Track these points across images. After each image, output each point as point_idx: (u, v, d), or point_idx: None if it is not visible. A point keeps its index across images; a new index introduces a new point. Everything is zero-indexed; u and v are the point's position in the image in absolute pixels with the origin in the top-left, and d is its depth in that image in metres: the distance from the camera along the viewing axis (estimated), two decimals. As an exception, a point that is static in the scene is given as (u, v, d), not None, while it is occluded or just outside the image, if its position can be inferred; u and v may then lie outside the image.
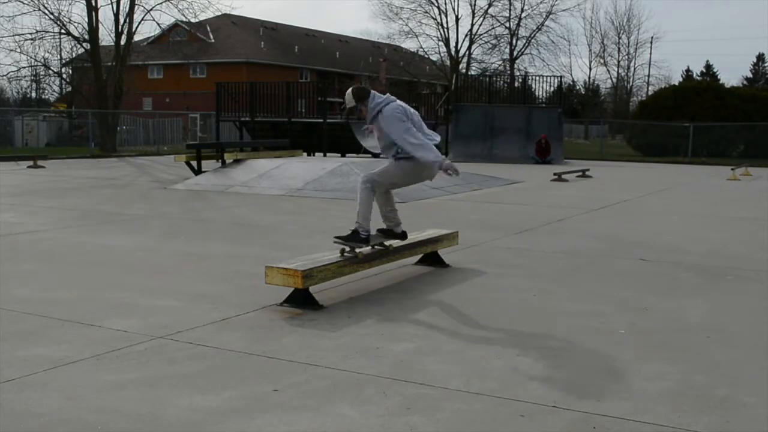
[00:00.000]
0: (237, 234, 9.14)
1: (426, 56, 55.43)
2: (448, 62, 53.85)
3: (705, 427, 3.46)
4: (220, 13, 42.68)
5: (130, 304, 5.50)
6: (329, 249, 6.23)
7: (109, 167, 22.17)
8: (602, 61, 66.14)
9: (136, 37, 33.74)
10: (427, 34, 69.68)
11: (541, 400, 3.74)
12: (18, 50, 32.31)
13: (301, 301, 5.45)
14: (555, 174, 19.09)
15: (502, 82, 42.59)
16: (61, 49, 40.16)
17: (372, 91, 6.14)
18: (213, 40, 54.30)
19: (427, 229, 7.83)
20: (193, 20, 34.02)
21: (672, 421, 3.51)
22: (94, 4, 29.94)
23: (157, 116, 37.72)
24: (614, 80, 67.03)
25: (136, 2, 30.77)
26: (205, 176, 15.95)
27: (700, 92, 34.96)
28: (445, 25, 53.54)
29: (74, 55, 38.31)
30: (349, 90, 6.16)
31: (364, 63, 61.50)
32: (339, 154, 24.89)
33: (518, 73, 51.31)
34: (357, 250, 6.05)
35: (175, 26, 46.30)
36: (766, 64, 71.41)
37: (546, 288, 6.35)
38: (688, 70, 68.14)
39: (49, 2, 34.90)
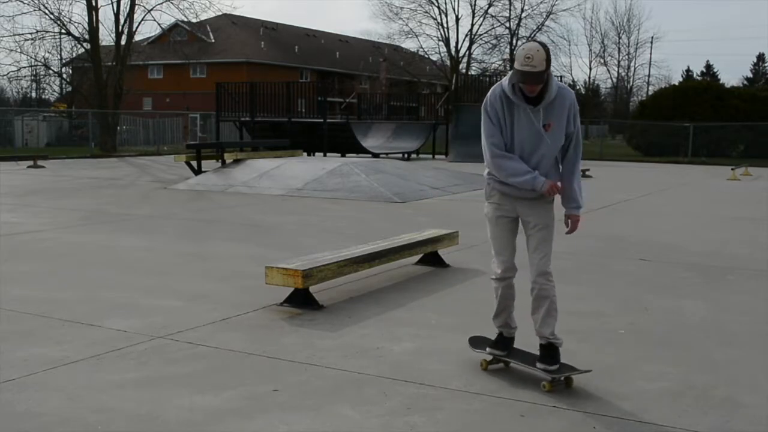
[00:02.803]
0: (237, 234, 9.14)
1: (426, 56, 55.39)
2: (448, 62, 53.81)
3: (705, 427, 3.46)
4: (220, 13, 42.74)
5: (130, 304, 5.50)
6: (329, 249, 6.23)
7: (110, 167, 22.17)
8: (602, 61, 66.22)
9: (137, 37, 33.76)
10: (427, 34, 69.61)
11: (541, 400, 3.74)
12: (18, 50, 32.39)
13: (301, 301, 5.45)
14: (555, 174, 19.06)
15: (502, 82, 42.46)
16: (61, 49, 40.26)
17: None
18: (213, 40, 54.31)
19: (427, 229, 7.84)
20: (193, 20, 34.05)
21: (672, 421, 3.51)
22: (94, 4, 29.95)
23: (157, 116, 37.72)
24: (614, 80, 67.06)
25: (136, 2, 30.79)
26: (205, 176, 15.95)
27: (700, 92, 34.94)
28: (445, 25, 53.52)
29: (74, 55, 38.38)
30: (538, 45, 3.80)
31: (364, 63, 61.54)
32: (339, 154, 24.90)
33: (518, 73, 51.17)
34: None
35: (176, 26, 46.34)
36: (766, 64, 71.41)
37: (546, 288, 6.34)
38: (688, 70, 68.18)
39: (49, 2, 35.04)
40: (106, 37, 34.73)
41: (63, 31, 31.71)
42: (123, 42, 31.07)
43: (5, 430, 3.30)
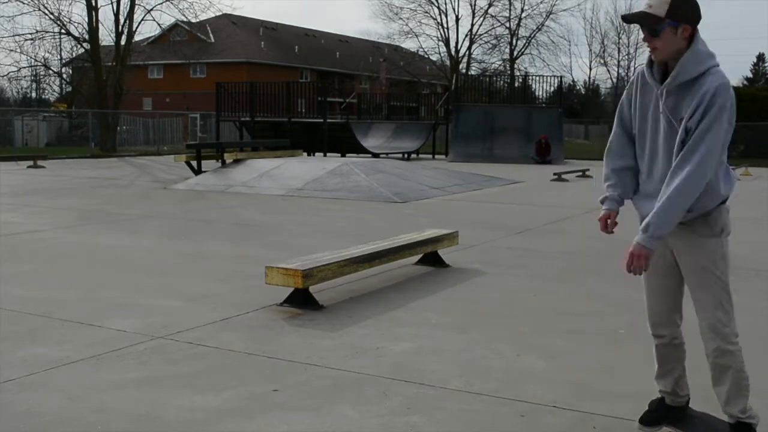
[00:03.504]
0: (237, 234, 9.14)
1: (426, 56, 55.46)
2: (448, 62, 53.89)
3: (705, 427, 3.45)
4: (220, 13, 42.79)
5: (130, 304, 5.50)
6: (329, 249, 6.23)
7: (109, 167, 22.17)
8: (602, 61, 66.17)
9: (137, 37, 33.82)
10: (427, 34, 69.91)
11: (541, 400, 3.74)
12: (18, 50, 32.50)
13: (301, 301, 5.45)
14: (555, 174, 19.09)
15: (502, 82, 42.58)
16: (61, 49, 40.30)
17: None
18: (213, 40, 54.33)
19: (427, 229, 7.84)
20: (193, 20, 34.09)
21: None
22: (94, 4, 30.00)
23: (157, 116, 37.72)
24: (614, 80, 66.98)
25: (136, 2, 30.84)
26: (205, 176, 15.96)
27: (700, 92, 34.91)
28: (445, 25, 53.67)
29: (74, 55, 38.39)
30: None
31: (364, 63, 61.54)
32: (339, 154, 24.91)
33: (518, 73, 51.33)
34: None
35: (176, 26, 46.36)
36: (766, 64, 71.35)
37: (546, 288, 6.35)
38: (688, 70, 68.02)
39: (49, 2, 35.05)
40: (106, 37, 34.78)
41: (63, 31, 31.80)
42: (123, 42, 31.11)
43: (5, 430, 3.30)
